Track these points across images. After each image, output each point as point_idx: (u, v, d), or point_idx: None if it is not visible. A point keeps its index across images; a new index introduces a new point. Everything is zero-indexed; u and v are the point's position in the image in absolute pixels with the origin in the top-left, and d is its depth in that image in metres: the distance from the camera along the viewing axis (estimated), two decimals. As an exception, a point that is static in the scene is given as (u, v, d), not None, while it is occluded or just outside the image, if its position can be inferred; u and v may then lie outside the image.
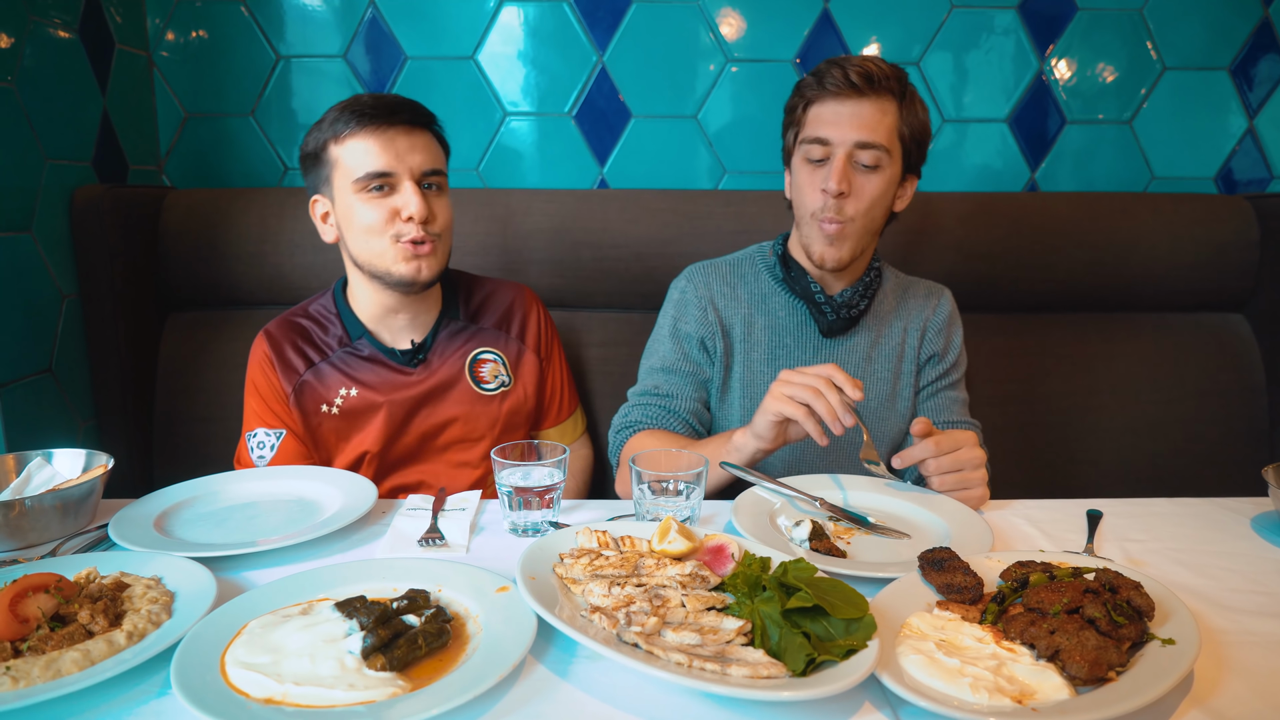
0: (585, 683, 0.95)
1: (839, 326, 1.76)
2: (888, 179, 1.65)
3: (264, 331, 1.75)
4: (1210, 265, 2.25)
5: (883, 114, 1.61)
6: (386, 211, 1.58)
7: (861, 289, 1.77)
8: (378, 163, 1.56)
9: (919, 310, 1.83)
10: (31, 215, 1.89)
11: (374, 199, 1.58)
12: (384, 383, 1.70)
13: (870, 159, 1.61)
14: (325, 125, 1.60)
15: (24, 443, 1.81)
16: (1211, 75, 2.45)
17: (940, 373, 1.83)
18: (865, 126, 1.59)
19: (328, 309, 1.76)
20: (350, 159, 1.57)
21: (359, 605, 1.02)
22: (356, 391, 1.69)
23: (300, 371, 1.70)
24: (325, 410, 1.69)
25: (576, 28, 2.38)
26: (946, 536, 1.32)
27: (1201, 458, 2.22)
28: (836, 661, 0.91)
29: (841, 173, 1.60)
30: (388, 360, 1.71)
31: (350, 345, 1.72)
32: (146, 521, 1.34)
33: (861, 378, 1.79)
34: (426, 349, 1.73)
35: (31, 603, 0.99)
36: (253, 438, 1.70)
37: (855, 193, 1.63)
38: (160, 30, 2.35)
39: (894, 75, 1.62)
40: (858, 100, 1.60)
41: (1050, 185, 2.52)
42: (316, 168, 1.63)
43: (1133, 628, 0.96)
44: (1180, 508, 1.47)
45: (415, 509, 1.44)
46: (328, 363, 1.71)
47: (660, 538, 1.18)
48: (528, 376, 1.81)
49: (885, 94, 1.61)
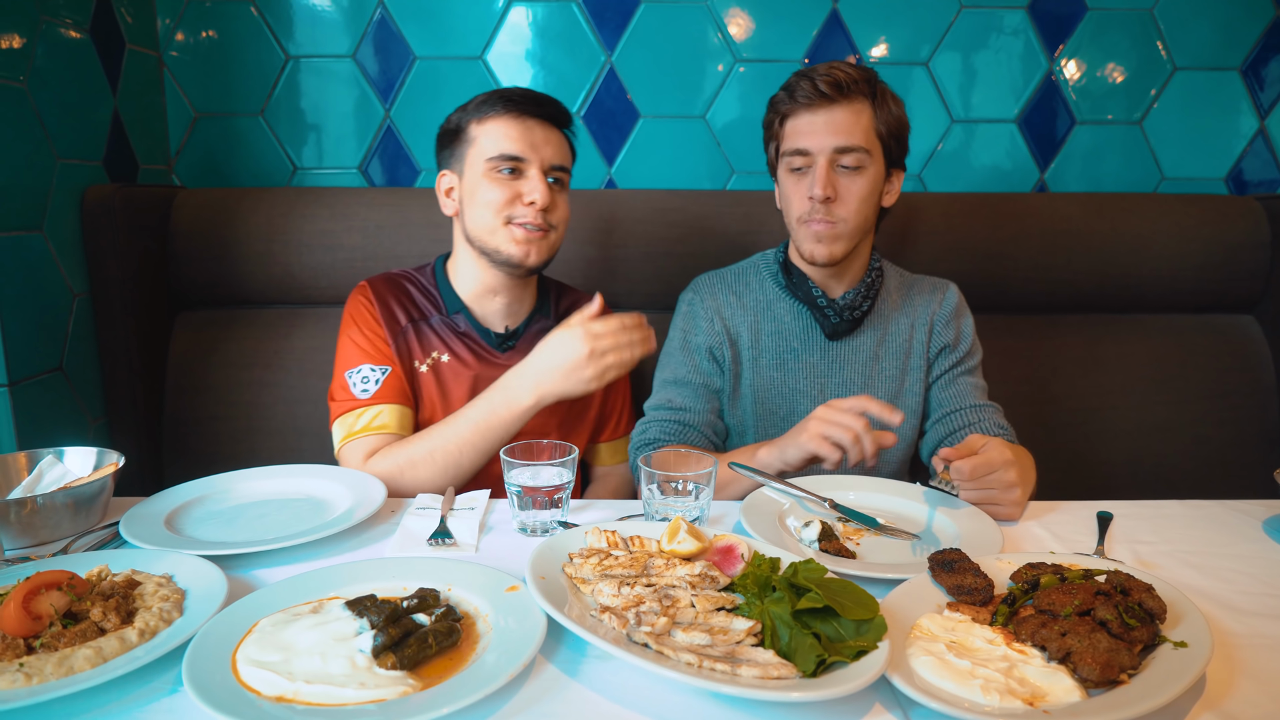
0: (595, 682, 0.95)
1: (843, 329, 1.78)
2: (872, 178, 1.68)
3: (367, 281, 1.80)
4: (1221, 266, 2.24)
5: (857, 116, 1.64)
6: (510, 193, 1.65)
7: (863, 290, 1.78)
8: (512, 147, 1.64)
9: (925, 305, 1.83)
10: (43, 214, 1.90)
11: (501, 180, 1.65)
12: (475, 357, 1.76)
13: (852, 161, 1.65)
14: (471, 107, 1.69)
15: (35, 441, 1.82)
16: (1222, 75, 2.44)
17: (954, 361, 1.82)
18: (841, 131, 1.64)
19: (427, 280, 1.82)
20: (487, 139, 1.66)
21: (369, 604, 1.02)
22: (449, 358, 1.75)
23: (401, 323, 1.75)
24: (417, 366, 1.74)
25: (585, 28, 2.38)
26: (956, 538, 1.32)
27: (1211, 460, 2.21)
28: (847, 662, 0.91)
29: (825, 178, 1.64)
30: (481, 339, 1.77)
31: (447, 317, 1.78)
32: (157, 519, 1.34)
33: (869, 376, 1.79)
34: (518, 337, 1.79)
35: (44, 600, 1.00)
36: (355, 373, 1.70)
37: (842, 196, 1.66)
38: (170, 30, 2.36)
39: (863, 77, 1.65)
40: (830, 107, 1.64)
41: (1059, 186, 2.51)
42: (452, 145, 1.72)
43: (1145, 630, 0.96)
44: (1191, 510, 1.47)
45: (424, 508, 1.44)
46: (427, 324, 1.77)
47: (669, 538, 1.18)
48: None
49: (857, 97, 1.65)
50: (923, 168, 2.48)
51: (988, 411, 1.77)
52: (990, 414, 1.77)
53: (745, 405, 1.83)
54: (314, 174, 2.46)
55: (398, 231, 2.18)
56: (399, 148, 2.44)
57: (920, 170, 2.49)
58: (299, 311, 2.24)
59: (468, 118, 1.69)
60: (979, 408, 1.78)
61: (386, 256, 2.17)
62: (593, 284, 2.18)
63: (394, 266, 1.91)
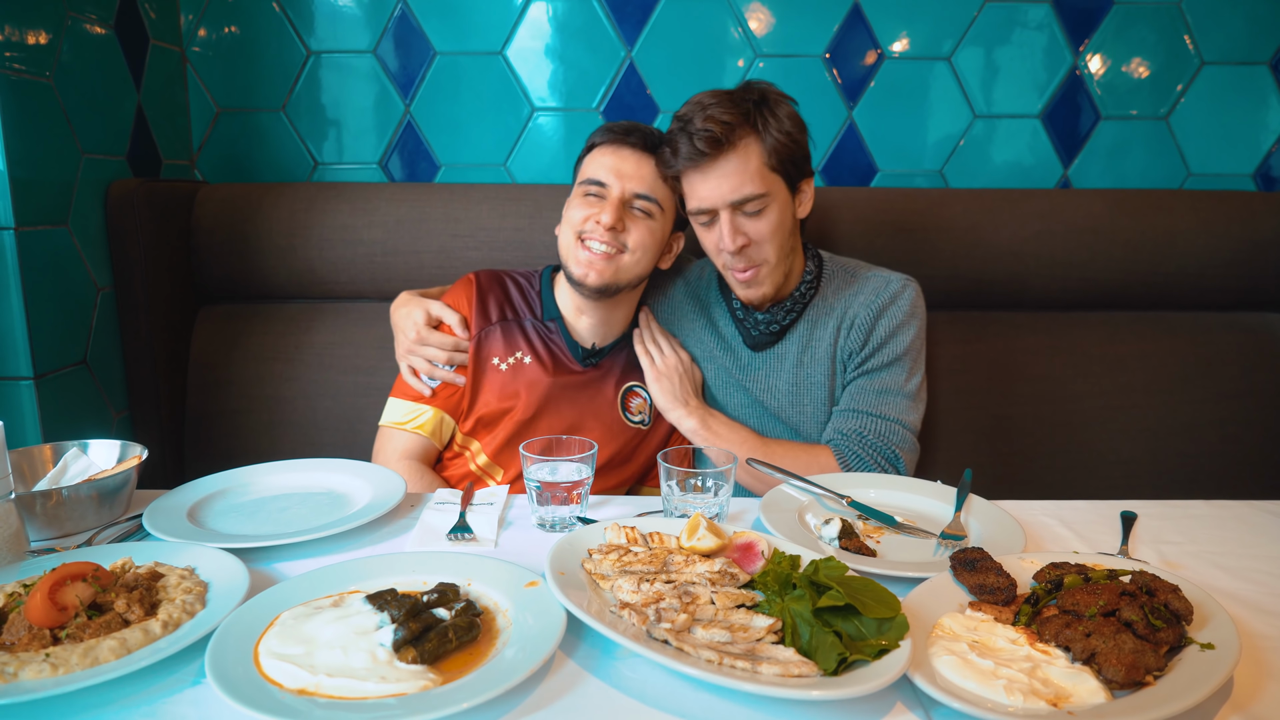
0: (615, 678, 0.95)
1: (763, 340, 1.78)
2: (778, 209, 1.63)
3: (475, 274, 1.85)
4: (1247, 263, 2.21)
5: (745, 162, 1.58)
6: (587, 213, 1.69)
7: (789, 304, 1.75)
8: (599, 172, 1.69)
9: (854, 306, 1.73)
10: (68, 209, 1.91)
11: (585, 201, 1.70)
12: (556, 365, 1.79)
13: (753, 207, 1.60)
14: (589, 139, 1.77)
15: (60, 433, 1.83)
16: (1251, 70, 2.41)
17: (856, 364, 1.74)
18: (732, 186, 1.58)
19: (533, 284, 1.87)
20: (588, 165, 1.73)
21: (390, 598, 1.03)
22: (530, 360, 1.78)
23: (493, 320, 1.80)
24: (496, 363, 1.77)
25: (605, 23, 2.38)
26: (977, 537, 1.31)
27: (1237, 459, 2.18)
28: (868, 661, 0.90)
29: (731, 231, 1.60)
30: (566, 349, 1.81)
31: (541, 322, 1.81)
32: (180, 512, 1.35)
33: (794, 385, 1.77)
34: (601, 355, 1.82)
35: (70, 591, 1.01)
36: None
37: (754, 239, 1.62)
38: (193, 26, 2.37)
39: (738, 115, 1.58)
40: (715, 161, 1.58)
41: (1083, 182, 2.48)
42: (577, 169, 1.78)
43: (1171, 631, 0.94)
44: (1218, 510, 1.45)
45: (444, 503, 1.45)
46: (517, 324, 1.81)
47: (689, 534, 1.17)
48: (663, 427, 1.85)
49: (740, 139, 1.58)
50: (944, 163, 2.46)
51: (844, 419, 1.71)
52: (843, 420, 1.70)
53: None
54: (334, 169, 2.47)
55: (418, 227, 2.19)
56: (419, 143, 2.45)
57: (941, 166, 2.47)
58: (320, 306, 2.25)
59: (588, 144, 1.76)
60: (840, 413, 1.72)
61: (407, 252, 2.17)
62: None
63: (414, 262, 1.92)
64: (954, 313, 2.21)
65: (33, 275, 1.79)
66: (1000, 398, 2.16)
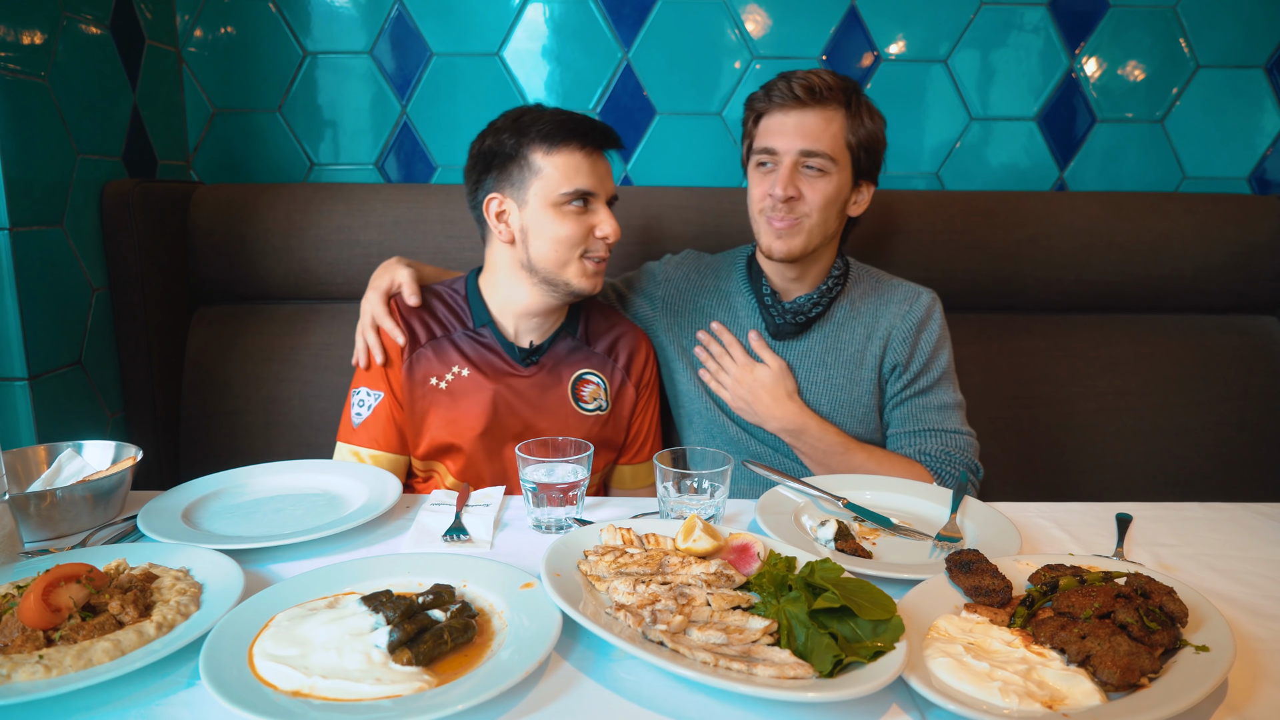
0: (610, 680, 0.95)
1: (787, 330, 1.78)
2: (836, 184, 1.67)
3: (395, 301, 1.77)
4: (1243, 266, 2.22)
5: (827, 123, 1.65)
6: (584, 228, 1.63)
7: (816, 296, 1.77)
8: (587, 182, 1.61)
9: (888, 317, 1.78)
10: (63, 209, 1.91)
11: (573, 214, 1.62)
12: (496, 370, 1.73)
13: (817, 164, 1.65)
14: (530, 130, 1.61)
15: (54, 434, 1.83)
16: (1246, 74, 2.41)
17: (905, 383, 1.77)
18: (809, 135, 1.65)
19: (458, 293, 1.80)
20: (559, 172, 1.60)
21: (385, 600, 1.02)
22: (469, 372, 1.72)
23: (421, 342, 1.73)
24: (434, 384, 1.72)
25: (601, 24, 2.38)
26: (972, 539, 1.31)
27: (1232, 462, 2.19)
28: (864, 663, 0.90)
29: (788, 179, 1.65)
30: (504, 352, 1.74)
31: (472, 330, 1.75)
32: (174, 513, 1.35)
33: (815, 381, 1.78)
34: (541, 353, 1.77)
35: (63, 592, 1.00)
36: (356, 394, 1.73)
37: (805, 195, 1.66)
38: (189, 26, 2.37)
39: (840, 86, 1.66)
40: (802, 111, 1.65)
41: (1079, 185, 2.49)
42: (507, 168, 1.63)
43: (1166, 634, 0.95)
44: (1213, 512, 1.45)
45: (439, 504, 1.45)
46: (448, 339, 1.74)
47: (685, 536, 1.17)
48: (624, 408, 1.83)
49: (830, 104, 1.65)
50: (940, 165, 2.47)
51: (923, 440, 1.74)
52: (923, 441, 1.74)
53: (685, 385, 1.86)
54: (330, 170, 2.47)
55: (414, 227, 2.18)
56: (415, 144, 2.45)
57: (938, 168, 2.47)
58: (316, 307, 2.25)
59: (531, 144, 1.61)
60: (932, 433, 1.75)
61: (403, 252, 2.16)
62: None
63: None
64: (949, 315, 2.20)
65: (27, 276, 1.78)
66: (996, 400, 2.17)
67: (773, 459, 1.79)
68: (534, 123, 1.61)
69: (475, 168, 1.68)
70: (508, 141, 1.62)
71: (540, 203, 1.61)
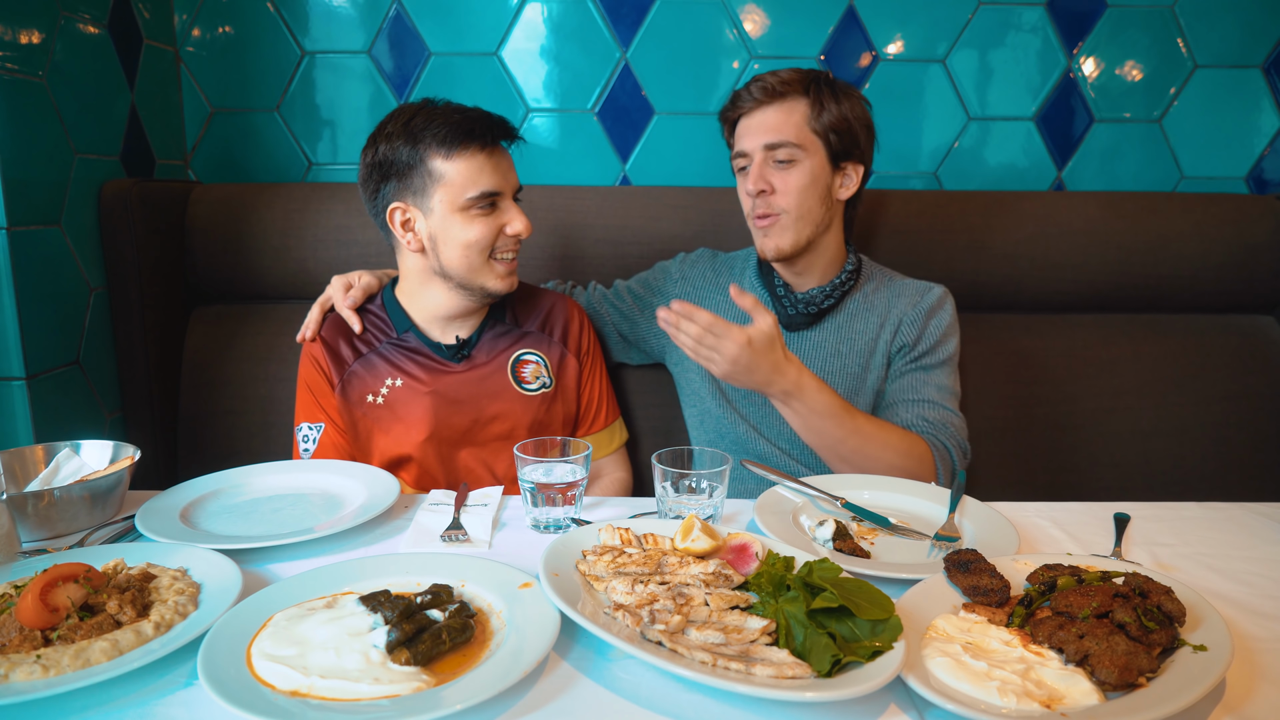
0: (608, 680, 0.95)
1: (799, 320, 1.80)
2: (809, 171, 1.71)
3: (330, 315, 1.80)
4: (1240, 266, 2.22)
5: (788, 114, 1.70)
6: (492, 229, 1.61)
7: (829, 289, 1.79)
8: (491, 182, 1.59)
9: (900, 306, 1.80)
10: (61, 209, 1.91)
11: (481, 216, 1.60)
12: (429, 374, 1.72)
13: (784, 155, 1.70)
14: (425, 135, 1.56)
15: (52, 434, 1.83)
16: (1244, 74, 2.42)
17: (910, 359, 1.78)
18: (770, 129, 1.71)
19: (374, 304, 1.79)
20: (462, 176, 1.57)
21: (383, 599, 1.02)
22: (402, 382, 1.71)
23: (349, 363, 1.73)
24: (371, 400, 1.71)
25: (600, 24, 2.38)
26: (970, 539, 1.31)
27: (1230, 462, 2.19)
28: (862, 663, 0.90)
29: (757, 174, 1.71)
30: (433, 354, 1.73)
31: (396, 338, 1.74)
32: (172, 513, 1.35)
33: (829, 371, 1.79)
34: (471, 345, 1.75)
35: (61, 592, 1.00)
36: (299, 431, 1.74)
37: (778, 188, 1.71)
38: (187, 25, 2.37)
39: (798, 79, 1.71)
40: (764, 109, 1.72)
41: (1077, 185, 2.49)
42: (406, 177, 1.59)
43: (1164, 633, 0.95)
44: (1211, 512, 1.45)
45: (438, 504, 1.45)
46: (375, 353, 1.74)
47: (683, 536, 1.17)
48: (569, 380, 1.82)
49: (790, 97, 1.71)
50: (939, 165, 2.47)
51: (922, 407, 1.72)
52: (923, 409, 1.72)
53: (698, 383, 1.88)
54: (329, 169, 2.47)
55: (412, 227, 2.18)
56: (414, 144, 2.44)
57: (936, 168, 2.47)
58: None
59: (428, 149, 1.56)
60: (923, 403, 1.73)
61: (401, 252, 2.17)
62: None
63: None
64: (948, 315, 2.22)
65: (25, 275, 1.78)
66: (994, 399, 2.17)
67: (778, 459, 1.79)
68: (427, 126, 1.56)
69: (371, 177, 1.64)
70: (403, 149, 1.58)
71: (446, 209, 1.59)
